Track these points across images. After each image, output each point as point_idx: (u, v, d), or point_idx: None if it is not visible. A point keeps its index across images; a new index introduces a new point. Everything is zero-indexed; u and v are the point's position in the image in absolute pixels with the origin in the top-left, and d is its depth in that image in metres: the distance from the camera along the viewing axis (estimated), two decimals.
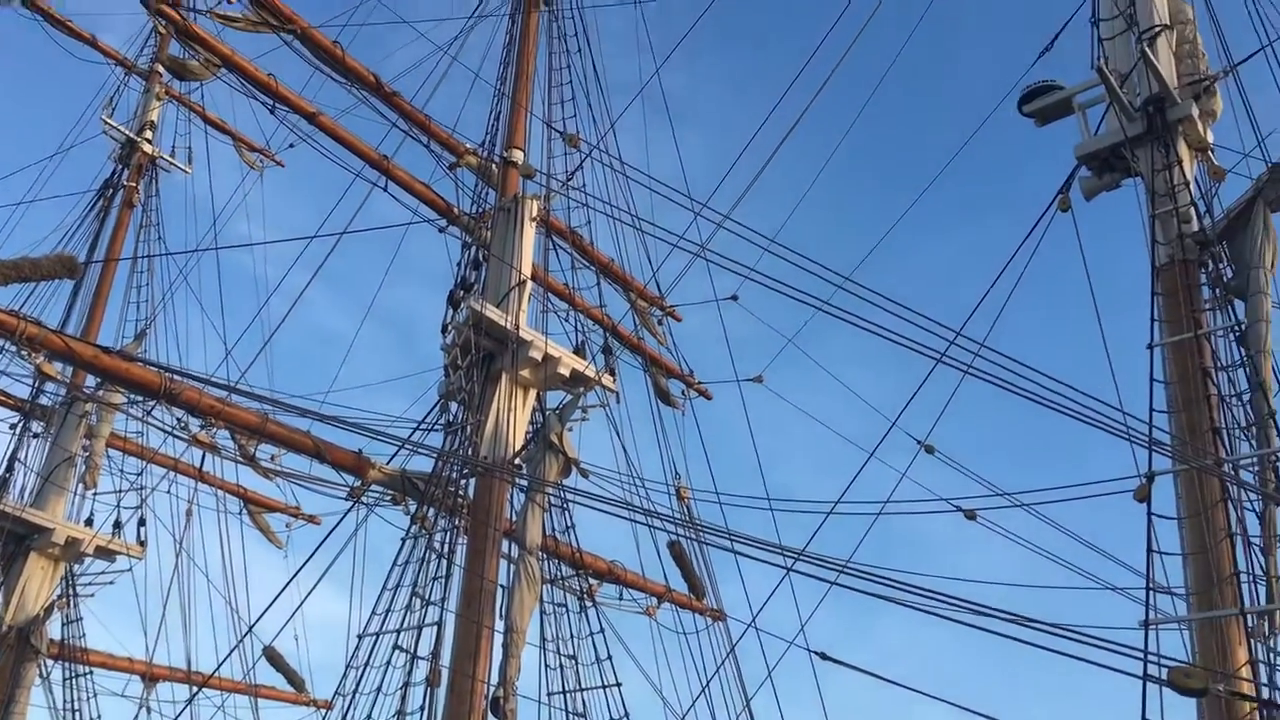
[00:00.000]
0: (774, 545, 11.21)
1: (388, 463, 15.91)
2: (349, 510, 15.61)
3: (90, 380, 22.21)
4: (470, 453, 15.88)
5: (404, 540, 15.41)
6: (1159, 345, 10.98)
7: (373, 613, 14.65)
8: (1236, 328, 10.97)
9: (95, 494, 22.93)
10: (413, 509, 16.03)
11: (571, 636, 15.53)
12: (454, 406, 16.60)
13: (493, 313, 16.25)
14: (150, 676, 23.79)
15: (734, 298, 19.28)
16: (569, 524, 16.47)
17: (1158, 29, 12.36)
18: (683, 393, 21.29)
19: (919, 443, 14.47)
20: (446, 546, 15.08)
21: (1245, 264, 11.18)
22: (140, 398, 14.45)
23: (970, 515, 13.88)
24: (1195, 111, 11.89)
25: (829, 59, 15.15)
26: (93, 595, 23.07)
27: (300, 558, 14.91)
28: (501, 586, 15.02)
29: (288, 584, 14.43)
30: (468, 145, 18.52)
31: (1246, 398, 10.63)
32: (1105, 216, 12.86)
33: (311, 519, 25.37)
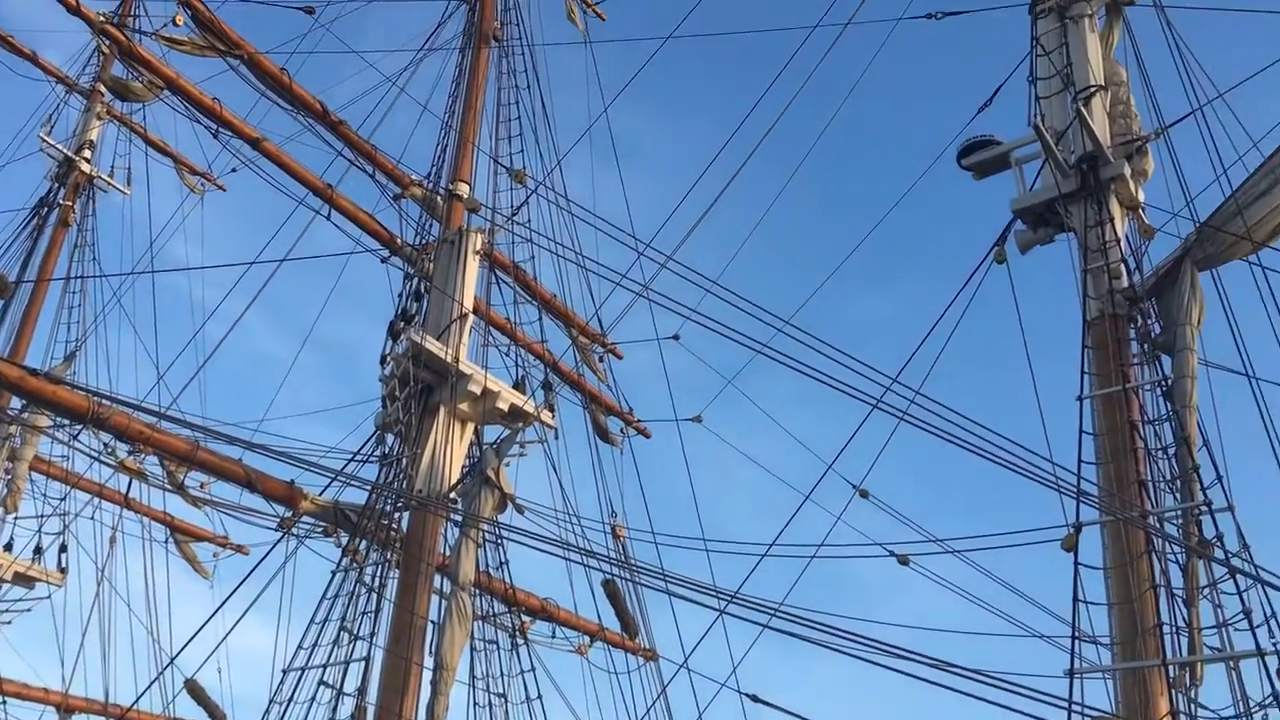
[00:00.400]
0: (708, 587, 11.24)
1: (320, 494, 15.70)
2: (278, 541, 15.37)
3: (15, 402, 21.68)
4: (405, 486, 15.72)
5: (334, 573, 15.21)
6: (1088, 397, 11.20)
7: (299, 646, 14.42)
8: (1164, 383, 11.23)
9: (16, 518, 22.36)
10: (344, 542, 15.82)
11: (502, 674, 15.39)
12: (390, 438, 16.45)
13: (433, 345, 16.16)
14: (66, 708, 23.14)
15: (675, 337, 19.36)
16: (503, 560, 16.36)
17: (1093, 89, 12.70)
18: (622, 430, 21.27)
19: (854, 487, 14.60)
20: (377, 581, 14.89)
21: (1173, 321, 11.45)
22: (67, 421, 14.14)
23: (903, 560, 13.98)
24: (1127, 171, 12.21)
25: (778, 103, 15.37)
26: (9, 623, 22.44)
27: (227, 589, 14.68)
28: (432, 622, 14.84)
29: (212, 615, 14.20)
30: (413, 177, 18.49)
31: (1172, 451, 10.86)
32: (1040, 269, 13.15)
33: (240, 549, 24.87)
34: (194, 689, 21.54)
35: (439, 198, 18.39)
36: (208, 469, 15.24)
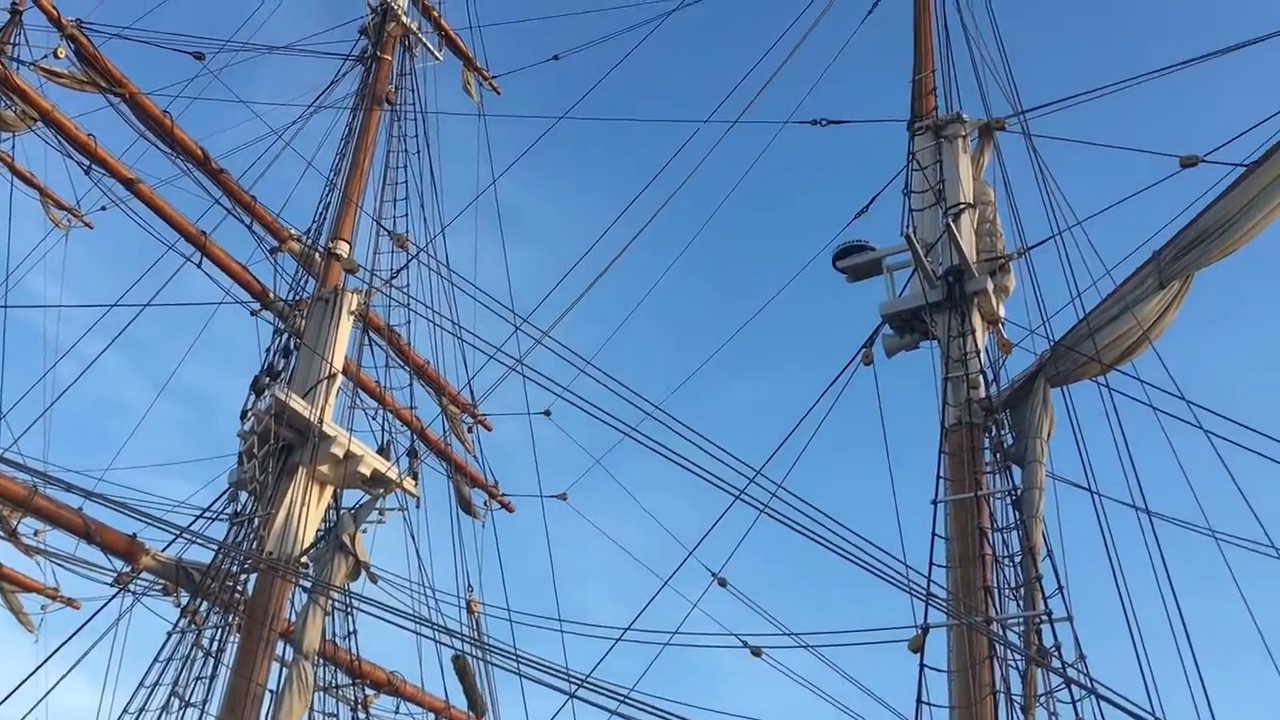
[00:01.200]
0: (558, 669, 11.07)
1: (164, 550, 15.07)
2: (113, 597, 14.72)
3: None
4: (255, 547, 15.19)
5: (170, 634, 14.56)
6: (942, 501, 11.51)
7: (125, 710, 13.72)
8: (1013, 492, 11.62)
9: None
10: (184, 602, 15.17)
11: None
12: (244, 497, 15.94)
13: (297, 403, 15.79)
14: None
15: (547, 413, 19.31)
16: (351, 630, 15.89)
17: (962, 206, 13.28)
18: (485, 503, 20.98)
19: (713, 575, 14.71)
20: (216, 645, 14.29)
21: (1024, 433, 11.90)
22: None
23: (756, 652, 14.02)
24: (990, 286, 12.74)
25: (670, 185, 15.62)
26: None
27: (53, 644, 13.88)
28: (270, 691, 14.28)
29: (34, 671, 13.41)
30: (292, 231, 18.21)
31: (1018, 560, 11.20)
32: (905, 374, 13.55)
33: (70, 602, 23.56)
34: None
35: (317, 254, 18.14)
36: (44, 516, 14.53)
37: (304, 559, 15.48)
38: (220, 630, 14.70)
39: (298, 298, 17.83)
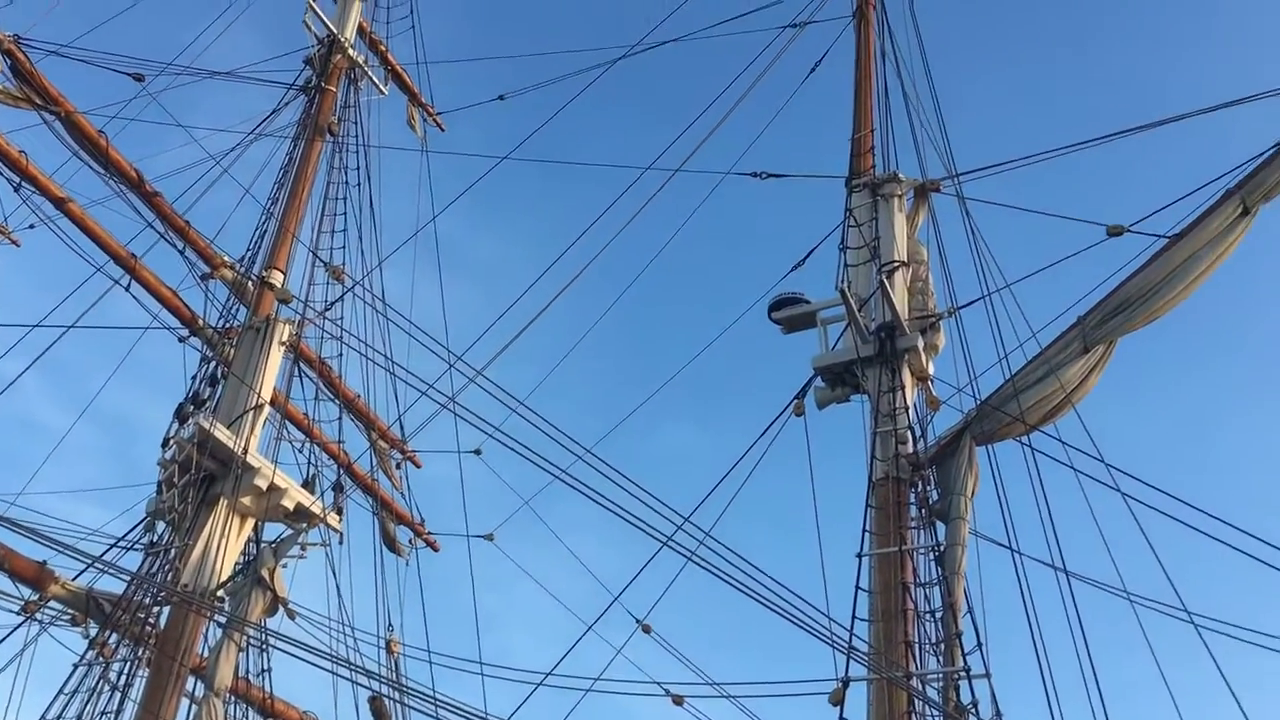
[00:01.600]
0: (478, 713, 10.94)
1: (75, 578, 14.66)
2: (19, 626, 14.27)
3: None
4: (169, 579, 14.82)
5: (76, 666, 14.12)
6: (867, 555, 11.59)
7: None
8: (936, 548, 11.73)
9: None
10: (93, 633, 14.74)
11: None
12: (161, 527, 15.57)
13: (221, 433, 15.51)
14: None
15: (477, 452, 19.14)
16: (265, 667, 15.54)
17: (896, 264, 13.49)
18: (410, 541, 20.70)
19: (638, 621, 14.63)
20: (124, 679, 13.87)
21: (949, 490, 12.05)
22: None
23: (678, 700, 13.94)
24: (921, 344, 12.93)
25: (611, 228, 15.65)
26: None
27: None
28: None
29: None
30: (225, 258, 17.97)
31: (939, 615, 11.29)
32: (836, 426, 13.66)
33: None
34: None
35: (250, 283, 17.90)
36: None
37: (220, 593, 15.13)
38: (129, 664, 14.29)
39: (228, 325, 17.58)
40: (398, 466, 20.92)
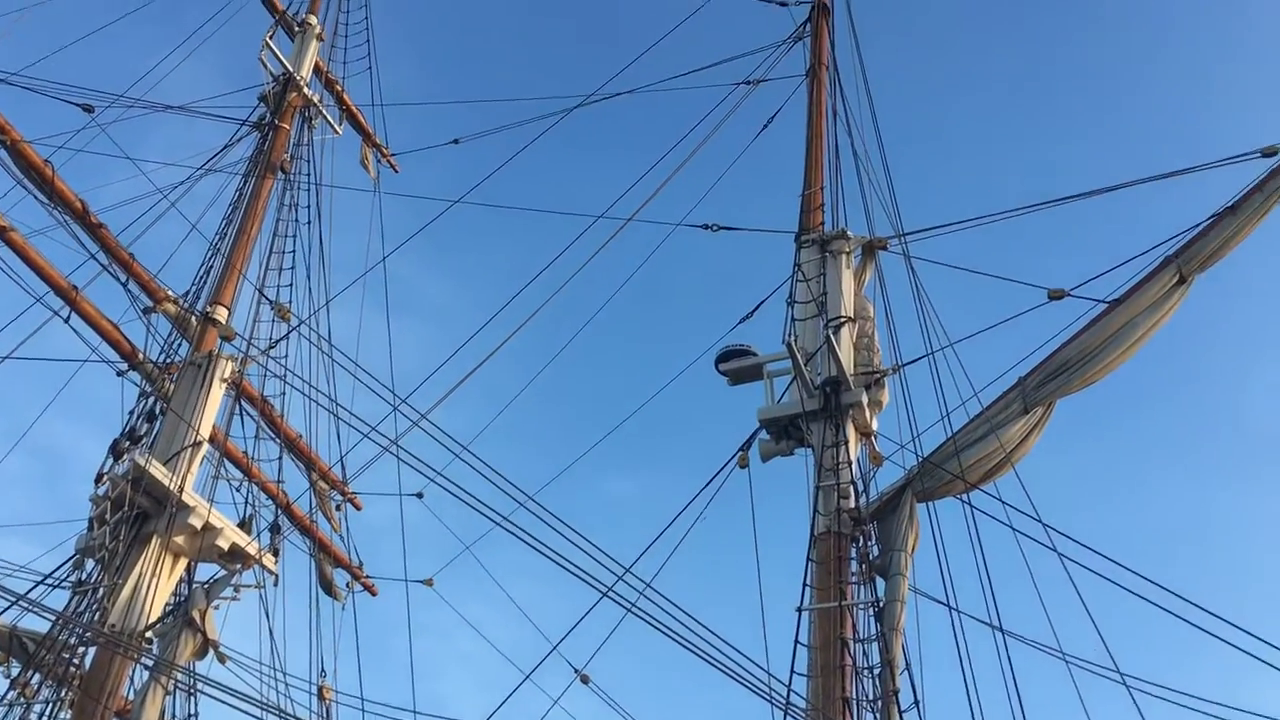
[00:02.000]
0: None
1: None
2: None
3: None
4: (97, 619, 14.44)
5: None
6: (807, 609, 11.59)
7: None
8: (876, 604, 11.76)
9: None
10: (15, 673, 14.31)
11: None
12: (90, 564, 15.18)
13: (157, 470, 15.22)
14: None
15: (419, 495, 18.98)
16: (192, 712, 15.14)
17: (843, 320, 13.64)
18: (348, 584, 20.37)
19: (576, 671, 14.54)
20: None
21: (890, 546, 12.10)
22: None
23: None
24: (865, 399, 13.05)
25: (563, 274, 15.68)
26: None
27: None
28: None
29: None
30: (169, 292, 17.72)
31: (877, 671, 11.30)
32: (779, 479, 13.69)
33: None
34: None
35: (193, 318, 17.66)
36: None
37: (149, 634, 14.77)
38: (51, 705, 13.89)
39: (169, 361, 17.29)
40: (338, 508, 20.60)
